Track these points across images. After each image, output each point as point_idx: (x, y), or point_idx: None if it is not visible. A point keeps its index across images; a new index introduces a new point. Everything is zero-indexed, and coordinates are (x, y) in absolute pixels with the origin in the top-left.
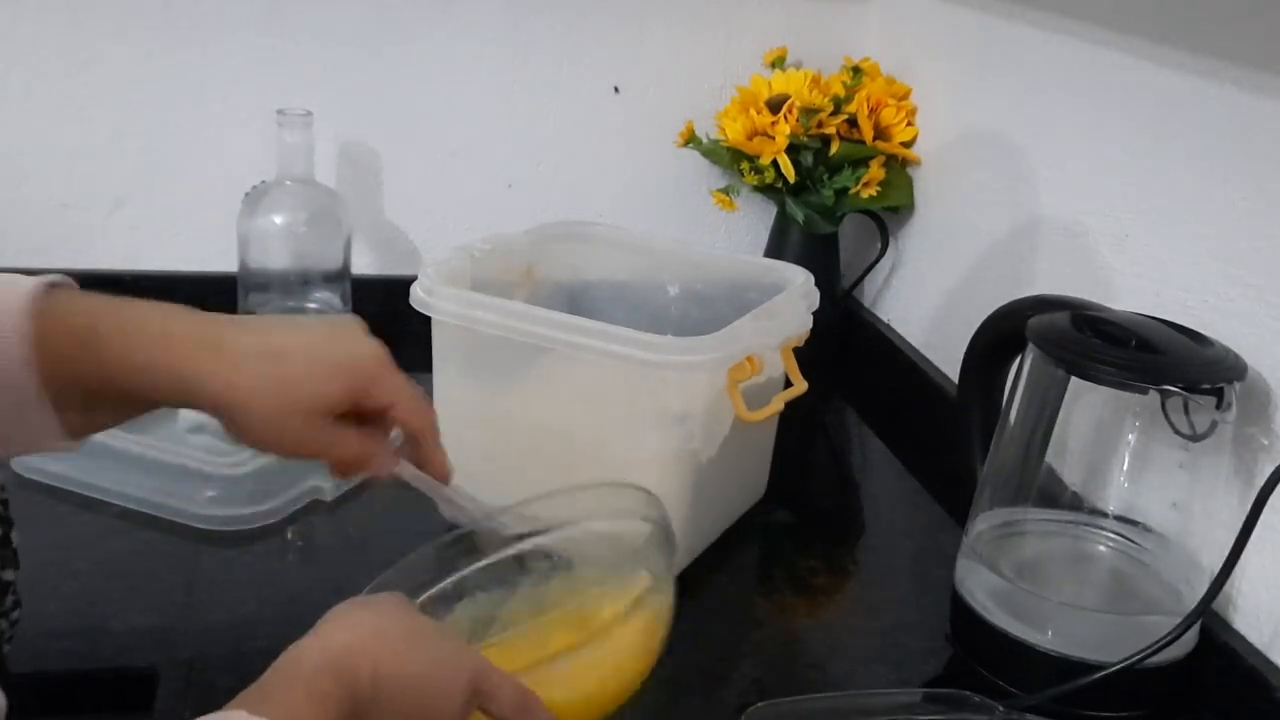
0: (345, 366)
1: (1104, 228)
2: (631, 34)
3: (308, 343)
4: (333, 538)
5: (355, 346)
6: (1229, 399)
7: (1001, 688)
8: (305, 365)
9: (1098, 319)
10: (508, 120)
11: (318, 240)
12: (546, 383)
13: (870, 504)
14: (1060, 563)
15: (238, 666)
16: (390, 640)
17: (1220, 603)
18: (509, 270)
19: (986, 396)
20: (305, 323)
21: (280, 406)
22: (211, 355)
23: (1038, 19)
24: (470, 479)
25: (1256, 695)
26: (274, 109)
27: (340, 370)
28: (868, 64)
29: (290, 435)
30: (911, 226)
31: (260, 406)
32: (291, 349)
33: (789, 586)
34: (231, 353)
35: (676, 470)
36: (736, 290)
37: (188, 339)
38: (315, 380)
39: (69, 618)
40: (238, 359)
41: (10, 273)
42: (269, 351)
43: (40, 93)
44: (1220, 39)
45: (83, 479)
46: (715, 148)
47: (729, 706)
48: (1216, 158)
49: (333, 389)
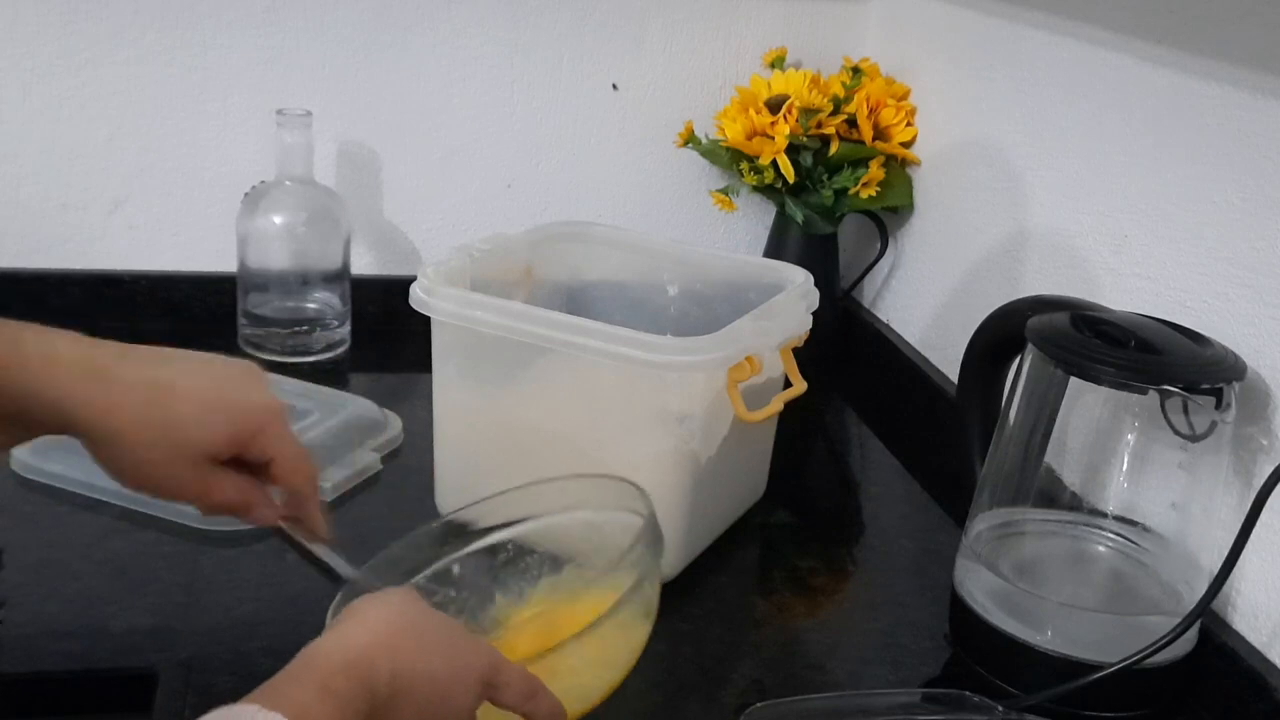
0: (234, 414)
1: (1103, 228)
2: (631, 34)
3: (199, 385)
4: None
5: (249, 395)
6: (1228, 399)
7: (1001, 688)
8: (191, 407)
9: (1097, 319)
10: (507, 120)
11: (317, 240)
12: (546, 383)
13: (870, 504)
14: (1059, 563)
15: (237, 666)
16: (408, 637)
17: (1219, 603)
18: (508, 270)
19: (986, 397)
20: (203, 361)
21: (159, 446)
22: (94, 385)
23: (1038, 19)
24: (470, 479)
25: (1256, 695)
26: (274, 109)
27: (228, 417)
28: (867, 64)
29: (163, 477)
30: (911, 227)
31: (138, 444)
32: (180, 387)
33: (788, 586)
34: (116, 384)
35: (676, 470)
36: (736, 290)
37: (71, 366)
38: (200, 424)
39: (69, 618)
40: (121, 392)
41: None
42: (156, 387)
43: (40, 93)
44: (1220, 39)
45: (83, 479)
46: (715, 148)
47: (729, 706)
48: (1216, 158)
49: (215, 435)
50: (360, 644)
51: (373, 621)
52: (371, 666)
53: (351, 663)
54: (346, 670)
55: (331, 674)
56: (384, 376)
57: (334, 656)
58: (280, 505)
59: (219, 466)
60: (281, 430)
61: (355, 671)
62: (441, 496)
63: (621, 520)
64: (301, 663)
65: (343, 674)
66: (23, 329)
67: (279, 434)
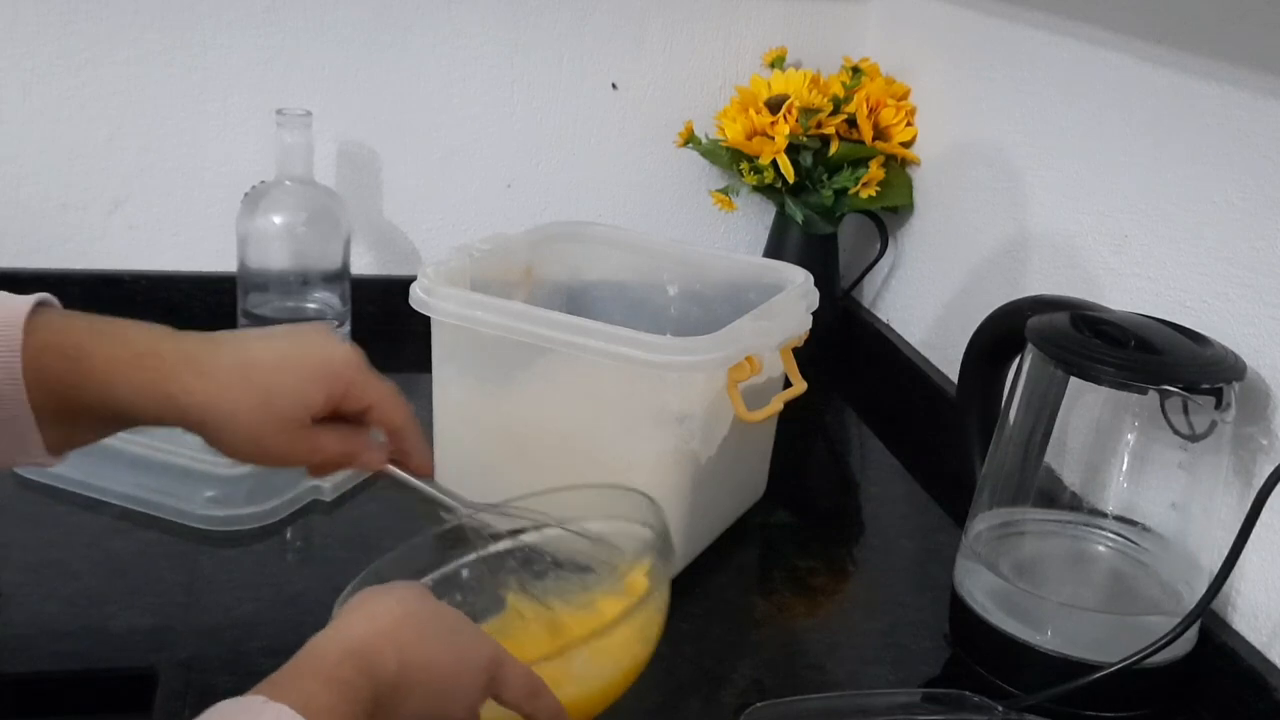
0: (322, 373)
1: (1103, 228)
2: (631, 34)
3: (282, 353)
4: (332, 538)
5: (329, 351)
6: (1228, 399)
7: (1000, 688)
8: (283, 376)
9: (1097, 319)
10: (507, 120)
11: (317, 240)
12: (546, 383)
13: (870, 504)
14: (1059, 563)
15: (237, 666)
16: (413, 627)
17: (1219, 603)
18: (508, 270)
19: (986, 397)
20: (277, 332)
21: (262, 419)
22: (193, 374)
23: (1037, 19)
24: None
25: (1256, 695)
26: (273, 109)
27: (317, 377)
28: (867, 64)
29: (274, 446)
30: (911, 226)
31: (243, 421)
32: (267, 361)
33: (788, 587)
34: (212, 370)
35: (676, 470)
36: (736, 290)
37: (170, 359)
38: (294, 390)
39: (69, 618)
40: (218, 376)
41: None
42: (246, 365)
43: (40, 93)
44: (1220, 39)
45: (83, 479)
46: (714, 148)
47: (729, 706)
48: (1216, 158)
49: (312, 396)
50: (364, 634)
51: (377, 612)
52: (376, 656)
53: (356, 652)
54: (351, 660)
55: (336, 664)
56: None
57: (338, 647)
58: (383, 447)
59: (319, 425)
60: (369, 376)
61: (360, 661)
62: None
63: (632, 531)
64: (306, 654)
65: (347, 664)
66: (128, 328)
67: (368, 380)
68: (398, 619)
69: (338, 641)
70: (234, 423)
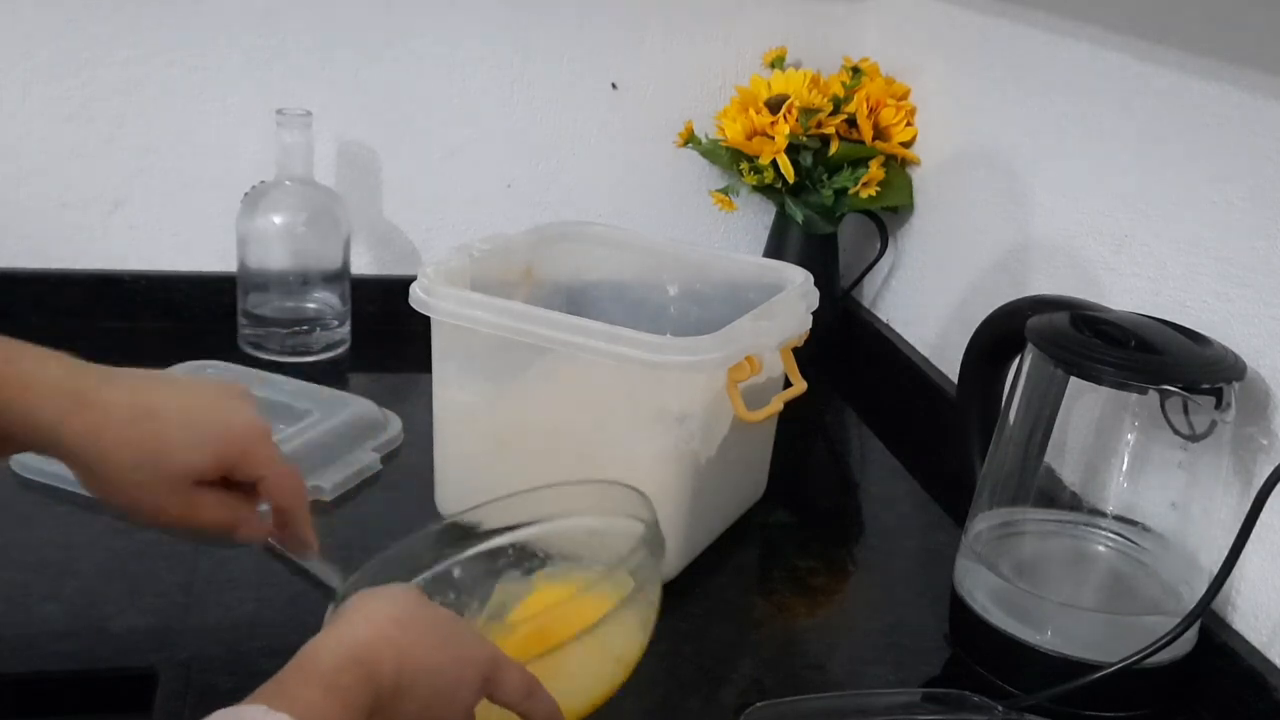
0: (218, 436)
1: (1104, 227)
2: (631, 34)
3: (182, 406)
4: (332, 538)
5: (232, 416)
6: (1228, 399)
7: (1001, 687)
8: (176, 430)
9: (1097, 319)
10: (508, 120)
11: (317, 240)
12: (546, 383)
13: (870, 504)
14: (1059, 563)
15: (237, 666)
16: (411, 630)
17: (1219, 603)
18: (508, 270)
19: (986, 396)
20: (187, 384)
21: (143, 469)
22: (77, 408)
23: (1037, 19)
24: (470, 479)
25: (1256, 695)
26: (274, 109)
27: (212, 439)
28: (867, 64)
29: (151, 499)
30: (911, 226)
31: (122, 467)
32: (164, 411)
33: (788, 586)
34: (99, 408)
35: (676, 470)
36: (736, 290)
37: (55, 389)
38: (184, 446)
39: (69, 618)
40: (105, 415)
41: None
42: (140, 410)
43: (40, 93)
44: (1220, 39)
45: None
46: (714, 148)
47: (729, 706)
48: (1216, 158)
49: (202, 458)
50: (364, 638)
51: (376, 615)
52: (376, 661)
53: (357, 658)
54: (352, 666)
55: (337, 670)
56: (384, 376)
57: (338, 652)
58: (267, 521)
59: (204, 487)
60: (267, 450)
61: (361, 667)
62: (441, 497)
63: (624, 526)
64: (305, 659)
65: (348, 670)
66: (18, 349)
67: (265, 454)
68: (396, 622)
69: (337, 646)
70: (106, 465)
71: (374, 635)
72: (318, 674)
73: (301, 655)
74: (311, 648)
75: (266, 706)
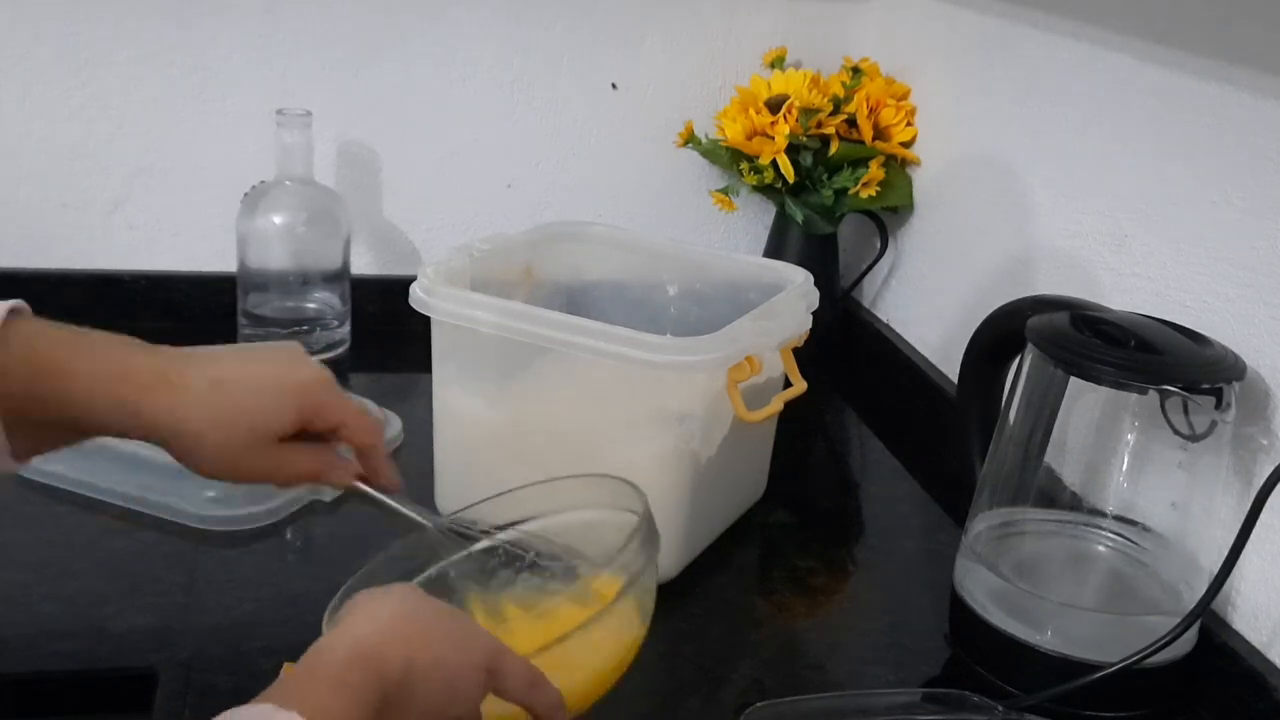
0: (292, 393)
1: (1103, 228)
2: (631, 34)
3: (254, 372)
4: (332, 538)
5: (300, 372)
6: (1228, 399)
7: (1001, 688)
8: (253, 395)
9: (1097, 319)
10: (507, 120)
11: (317, 240)
12: (546, 383)
13: (870, 504)
14: (1059, 563)
15: (237, 666)
16: (416, 626)
17: (1219, 603)
18: (508, 270)
19: (986, 396)
20: (250, 351)
21: (231, 436)
22: (164, 390)
23: (1037, 19)
24: (470, 478)
25: (1256, 695)
26: (274, 109)
27: (288, 396)
28: (867, 64)
29: (243, 462)
30: (911, 226)
31: (211, 438)
32: (238, 379)
33: (788, 586)
34: (182, 387)
35: (676, 470)
36: (736, 290)
37: (142, 375)
38: (264, 408)
39: (69, 618)
40: (188, 393)
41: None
42: (217, 382)
43: (40, 93)
44: (1220, 39)
45: (83, 479)
46: (714, 148)
47: (729, 706)
48: (1216, 158)
49: (282, 415)
50: (369, 636)
51: (380, 613)
52: (383, 657)
53: (364, 655)
54: (359, 663)
55: (344, 668)
56: (384, 376)
57: (345, 651)
58: (351, 464)
59: (288, 443)
60: (337, 397)
61: (368, 664)
62: (441, 496)
63: (618, 519)
64: (312, 659)
65: (355, 668)
66: (100, 341)
67: (338, 401)
68: (401, 618)
69: (344, 645)
70: (203, 440)
71: (380, 631)
72: (325, 673)
73: (308, 655)
74: (318, 648)
75: (274, 705)
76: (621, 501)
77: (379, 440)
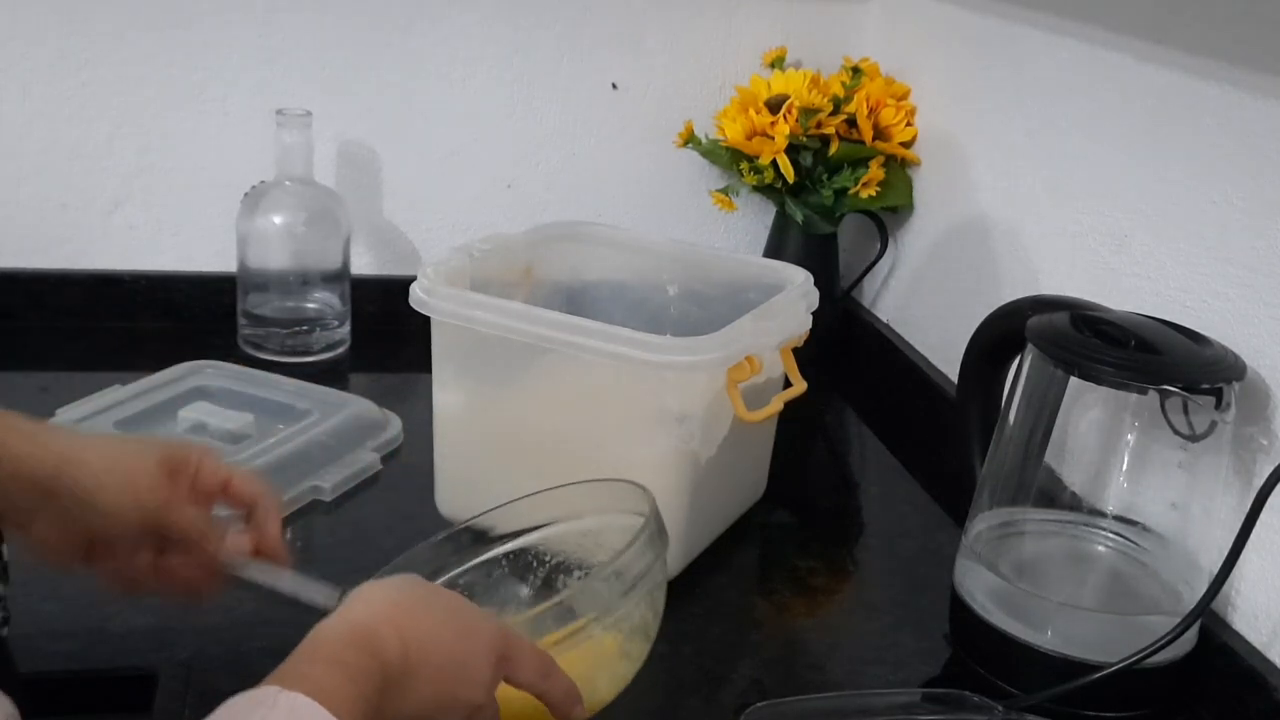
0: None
1: (1103, 228)
2: (631, 34)
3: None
4: (332, 538)
5: (171, 444)
6: (1228, 399)
7: (1001, 687)
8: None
9: (1097, 319)
10: (507, 120)
11: (317, 240)
12: (546, 383)
13: (870, 504)
14: (1059, 563)
15: (237, 666)
16: (410, 609)
17: (1219, 603)
18: (508, 270)
19: (986, 396)
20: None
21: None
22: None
23: (1037, 19)
24: (469, 479)
25: (1256, 695)
26: (274, 109)
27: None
28: (867, 64)
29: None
30: (911, 226)
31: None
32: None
33: (788, 587)
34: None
35: (675, 470)
36: (736, 290)
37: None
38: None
39: (69, 618)
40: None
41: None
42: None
43: (40, 93)
44: (1220, 39)
45: None
46: (714, 148)
47: (729, 706)
48: (1216, 158)
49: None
50: (363, 618)
51: (374, 599)
52: (377, 638)
53: (357, 635)
54: (353, 643)
55: (340, 649)
56: (384, 376)
57: (339, 632)
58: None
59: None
60: (219, 461)
61: (362, 644)
62: (441, 497)
63: (627, 524)
64: (309, 643)
65: (350, 647)
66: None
67: (217, 464)
68: (395, 602)
69: (340, 627)
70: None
71: (373, 614)
72: (322, 653)
73: (306, 640)
74: (315, 632)
75: (279, 687)
76: (630, 505)
77: (272, 501)
